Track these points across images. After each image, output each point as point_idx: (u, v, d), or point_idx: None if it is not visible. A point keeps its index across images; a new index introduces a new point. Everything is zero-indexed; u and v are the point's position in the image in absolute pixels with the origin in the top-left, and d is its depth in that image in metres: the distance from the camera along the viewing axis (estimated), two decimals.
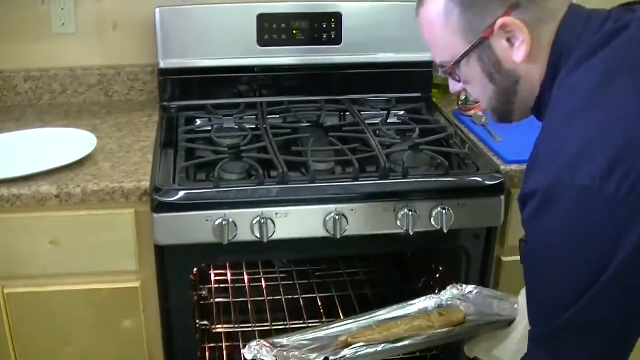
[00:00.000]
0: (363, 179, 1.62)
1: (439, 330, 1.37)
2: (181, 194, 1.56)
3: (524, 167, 1.15)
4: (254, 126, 1.90)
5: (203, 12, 2.01)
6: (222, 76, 2.05)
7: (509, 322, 1.38)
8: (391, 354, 1.37)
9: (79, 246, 1.62)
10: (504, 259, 1.78)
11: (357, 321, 1.42)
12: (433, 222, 1.61)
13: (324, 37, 2.03)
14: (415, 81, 2.12)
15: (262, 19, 2.00)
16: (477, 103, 1.97)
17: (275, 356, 1.29)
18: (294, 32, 2.03)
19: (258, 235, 1.56)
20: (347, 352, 1.32)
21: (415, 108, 2.05)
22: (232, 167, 1.66)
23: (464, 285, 1.48)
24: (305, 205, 1.58)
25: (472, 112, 1.98)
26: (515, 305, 1.38)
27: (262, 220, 1.55)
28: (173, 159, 1.71)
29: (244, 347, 1.32)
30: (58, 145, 1.76)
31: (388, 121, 1.96)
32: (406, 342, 1.35)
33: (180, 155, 1.72)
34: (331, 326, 1.41)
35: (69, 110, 2.06)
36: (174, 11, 2.00)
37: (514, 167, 1.71)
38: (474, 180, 1.65)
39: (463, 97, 2.00)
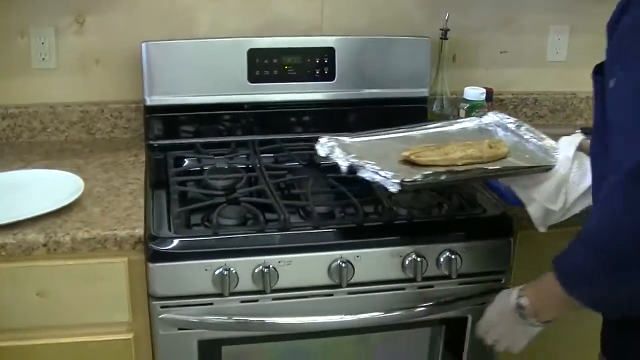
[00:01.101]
0: (368, 222, 1.56)
1: (490, 167, 1.50)
2: (178, 242, 1.48)
3: None
4: (246, 166, 1.83)
5: (192, 47, 1.94)
6: (212, 114, 1.98)
7: (547, 169, 1.48)
8: (452, 181, 1.51)
9: (68, 298, 1.52)
10: None
11: (413, 130, 1.70)
12: (443, 269, 1.56)
13: (317, 72, 1.98)
14: (410, 117, 2.06)
15: (253, 54, 1.93)
16: None
17: (349, 162, 1.51)
18: (286, 67, 1.96)
19: (260, 287, 1.48)
20: (419, 177, 1.42)
21: None
22: (229, 212, 1.58)
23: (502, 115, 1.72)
24: (309, 253, 1.51)
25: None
26: (555, 153, 1.51)
27: (265, 270, 1.47)
28: (166, 204, 1.63)
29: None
30: (42, 187, 1.67)
31: None
32: (463, 175, 1.49)
33: (174, 199, 1.63)
34: (390, 131, 1.68)
35: (50, 149, 1.97)
36: (161, 46, 1.92)
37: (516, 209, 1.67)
38: (483, 222, 1.60)
39: None
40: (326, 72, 1.98)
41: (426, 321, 1.61)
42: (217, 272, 1.47)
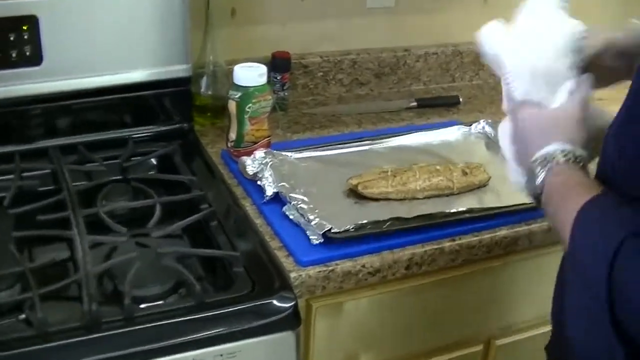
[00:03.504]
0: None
1: (454, 209, 1.23)
2: None
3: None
4: None
5: None
6: None
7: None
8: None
9: None
10: None
11: (373, 143, 1.45)
12: None
13: (13, 55, 1.30)
14: (166, 107, 1.44)
15: None
16: (255, 143, 1.34)
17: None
18: None
19: None
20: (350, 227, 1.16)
21: (166, 154, 1.38)
22: None
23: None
24: None
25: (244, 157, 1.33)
26: None
27: None
28: None
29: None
30: None
31: (103, 198, 1.26)
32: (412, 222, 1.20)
33: None
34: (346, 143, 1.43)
35: None
36: None
37: (312, 271, 1.11)
38: (253, 312, 1.03)
39: (233, 137, 1.35)
40: (27, 53, 1.31)
41: None
42: None
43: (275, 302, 1.03)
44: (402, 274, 1.18)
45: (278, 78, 1.57)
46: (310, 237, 1.14)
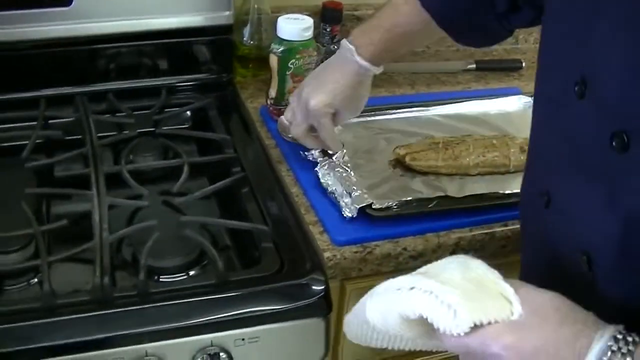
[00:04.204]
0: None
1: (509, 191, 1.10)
2: None
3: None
4: None
5: None
6: None
7: None
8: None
9: None
10: None
11: (424, 109, 1.33)
12: None
13: None
14: (204, 58, 1.34)
15: None
16: None
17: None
18: None
19: None
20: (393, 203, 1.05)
21: (201, 107, 1.28)
22: None
23: None
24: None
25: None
26: None
27: None
28: None
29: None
30: None
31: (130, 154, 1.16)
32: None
33: None
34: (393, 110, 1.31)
35: None
36: None
37: (348, 252, 1.01)
38: (279, 294, 0.93)
39: (273, 94, 1.24)
40: None
41: None
42: None
43: (305, 284, 0.94)
44: None
45: (328, 30, 1.45)
46: (344, 211, 1.04)
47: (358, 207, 1.02)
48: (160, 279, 0.96)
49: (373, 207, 1.03)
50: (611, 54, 0.66)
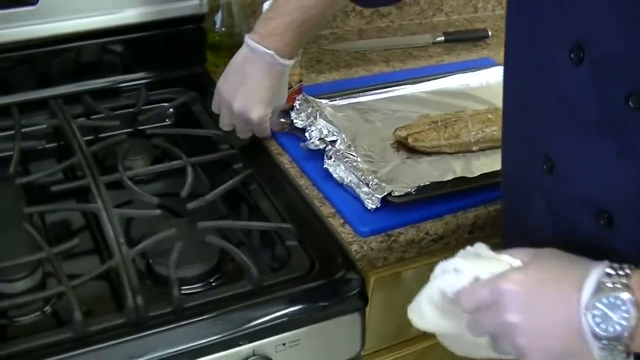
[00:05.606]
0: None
1: None
2: None
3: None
4: None
5: None
6: None
7: None
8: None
9: None
10: None
11: (409, 87, 1.30)
12: None
13: None
14: (178, 49, 1.27)
15: None
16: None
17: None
18: None
19: None
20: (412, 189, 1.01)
21: (181, 103, 1.22)
22: None
23: None
24: None
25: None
26: None
27: None
28: None
29: None
30: None
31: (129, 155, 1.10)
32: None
33: None
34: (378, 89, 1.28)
35: None
36: None
37: (374, 242, 0.98)
38: (316, 294, 0.89)
39: None
40: None
41: None
42: None
43: (340, 281, 0.91)
44: (465, 239, 1.06)
45: None
46: (366, 202, 1.01)
47: (380, 197, 0.99)
48: (182, 290, 0.91)
49: (393, 194, 1.00)
50: (611, 15, 0.66)
